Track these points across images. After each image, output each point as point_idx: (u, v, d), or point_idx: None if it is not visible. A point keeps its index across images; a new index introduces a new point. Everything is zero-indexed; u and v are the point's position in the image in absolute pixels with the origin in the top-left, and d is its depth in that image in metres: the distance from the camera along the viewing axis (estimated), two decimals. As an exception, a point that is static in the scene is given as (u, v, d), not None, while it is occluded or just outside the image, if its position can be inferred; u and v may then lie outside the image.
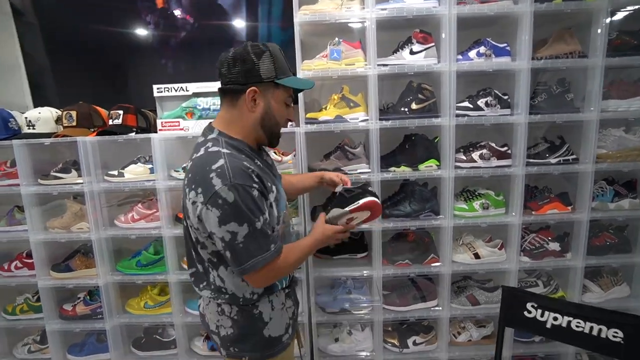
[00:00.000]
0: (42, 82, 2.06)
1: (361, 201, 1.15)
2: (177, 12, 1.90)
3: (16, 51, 2.01)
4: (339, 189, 1.24)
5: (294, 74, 1.20)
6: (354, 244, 1.86)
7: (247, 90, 0.98)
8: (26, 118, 1.77)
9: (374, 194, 1.19)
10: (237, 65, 0.98)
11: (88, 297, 1.85)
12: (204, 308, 1.14)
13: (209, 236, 0.98)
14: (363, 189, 1.21)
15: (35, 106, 1.97)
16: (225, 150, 0.96)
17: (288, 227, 1.18)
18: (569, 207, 1.74)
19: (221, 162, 0.93)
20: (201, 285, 1.10)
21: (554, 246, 1.77)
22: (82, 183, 1.70)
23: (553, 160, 1.69)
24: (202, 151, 0.99)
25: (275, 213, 1.03)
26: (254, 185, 0.94)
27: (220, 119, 1.05)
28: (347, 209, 1.15)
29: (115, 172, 1.74)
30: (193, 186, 0.94)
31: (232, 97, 1.02)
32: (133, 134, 1.71)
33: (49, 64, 2.05)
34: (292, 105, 1.10)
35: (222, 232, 0.92)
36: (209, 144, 0.99)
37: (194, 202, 0.94)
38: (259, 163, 1.04)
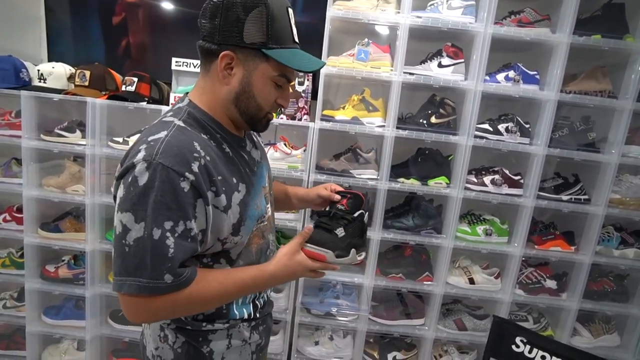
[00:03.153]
0: (61, 38, 1.99)
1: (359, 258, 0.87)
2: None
3: (39, 3, 1.95)
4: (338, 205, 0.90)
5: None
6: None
7: (220, 54, 0.71)
8: (38, 71, 1.71)
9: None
10: (218, 16, 0.70)
11: (73, 261, 1.79)
12: (145, 325, 0.86)
13: None
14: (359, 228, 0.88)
15: (50, 61, 1.91)
16: (179, 123, 0.72)
17: (265, 242, 0.87)
18: (573, 247, 1.69)
19: (163, 134, 0.68)
20: None
21: (551, 284, 1.72)
22: (84, 145, 1.64)
23: (565, 197, 1.64)
24: (156, 120, 0.76)
25: (233, 220, 0.74)
26: (187, 174, 0.66)
27: (195, 86, 0.80)
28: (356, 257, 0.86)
29: (120, 140, 1.68)
30: (122, 158, 0.71)
31: (207, 58, 0.75)
32: (144, 103, 1.65)
33: (70, 22, 1.99)
34: (289, 85, 0.79)
35: (117, 219, 0.66)
36: (169, 114, 0.76)
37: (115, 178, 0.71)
38: (227, 150, 0.77)
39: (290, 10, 0.74)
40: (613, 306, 1.71)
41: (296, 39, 0.76)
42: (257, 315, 0.87)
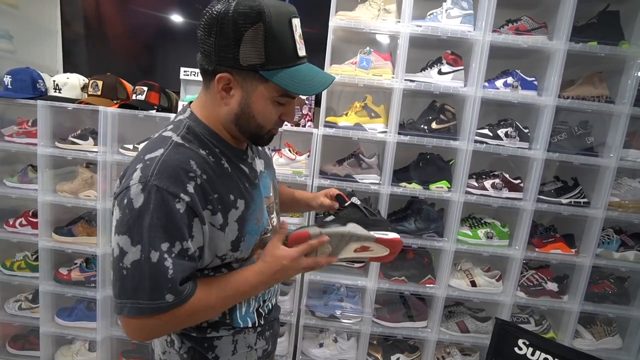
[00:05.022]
0: (75, 50, 2.02)
1: (391, 235, 0.82)
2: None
3: (56, 17, 1.99)
4: (355, 200, 0.87)
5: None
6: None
7: (217, 76, 0.66)
8: (54, 81, 1.73)
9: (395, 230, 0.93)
10: (213, 33, 0.64)
11: (84, 264, 1.79)
12: None
13: None
14: (381, 216, 0.87)
15: (65, 71, 1.94)
16: (177, 139, 0.69)
17: None
18: (573, 250, 1.65)
19: (159, 152, 0.66)
20: None
21: (552, 286, 1.68)
22: (96, 152, 1.65)
23: (564, 201, 1.62)
24: (156, 134, 0.73)
25: (231, 237, 0.72)
26: (182, 195, 0.63)
27: (198, 97, 0.75)
28: (373, 234, 0.80)
29: (131, 147, 1.68)
30: (121, 174, 0.69)
31: (206, 76, 0.70)
32: (154, 111, 1.66)
33: (85, 34, 2.02)
34: (293, 100, 0.74)
35: (114, 242, 0.64)
36: (169, 127, 0.73)
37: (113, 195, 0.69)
38: (226, 166, 0.73)
39: (295, 21, 0.66)
40: (614, 308, 1.67)
41: (301, 54, 0.68)
42: (263, 322, 0.85)
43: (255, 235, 0.78)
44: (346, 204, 0.86)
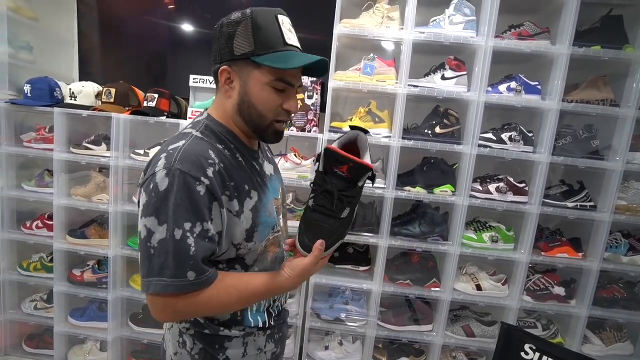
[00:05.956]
0: (91, 59, 2.08)
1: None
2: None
3: (73, 29, 2.05)
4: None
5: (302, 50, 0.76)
6: (358, 256, 1.79)
7: (219, 71, 0.74)
8: (70, 89, 1.78)
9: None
10: (216, 41, 0.75)
11: (97, 266, 1.82)
12: (166, 329, 0.85)
13: None
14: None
15: (81, 80, 1.99)
16: (196, 134, 0.75)
17: (281, 251, 0.86)
18: (580, 254, 1.62)
19: (181, 143, 0.71)
20: None
21: (559, 290, 1.65)
22: (109, 157, 1.68)
23: (570, 205, 1.59)
24: (177, 133, 0.79)
25: (246, 226, 0.75)
26: (203, 179, 0.67)
27: (213, 102, 0.83)
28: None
29: (142, 152, 1.72)
30: (145, 166, 0.74)
31: (215, 79, 0.78)
32: (164, 117, 1.70)
33: (100, 44, 2.08)
34: (295, 90, 0.77)
35: (141, 225, 0.68)
36: (189, 126, 0.79)
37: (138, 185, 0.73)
38: (240, 159, 0.77)
39: (282, 17, 0.73)
40: (624, 314, 1.62)
41: (290, 42, 0.73)
42: (272, 324, 0.86)
43: (268, 228, 0.80)
44: (329, 182, 0.72)
